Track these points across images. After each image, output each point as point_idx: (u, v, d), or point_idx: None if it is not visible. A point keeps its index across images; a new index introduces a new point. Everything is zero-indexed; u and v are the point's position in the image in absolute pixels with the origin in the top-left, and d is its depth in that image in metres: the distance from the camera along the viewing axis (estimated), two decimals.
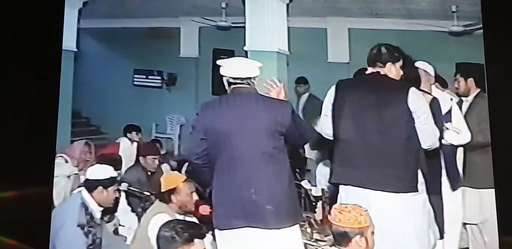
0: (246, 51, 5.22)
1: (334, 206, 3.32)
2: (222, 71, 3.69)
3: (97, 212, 3.84)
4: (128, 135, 5.44)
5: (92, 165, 4.29)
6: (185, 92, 6.12)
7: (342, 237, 3.21)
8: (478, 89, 4.25)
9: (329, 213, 3.30)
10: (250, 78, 3.66)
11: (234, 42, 5.70)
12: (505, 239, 3.77)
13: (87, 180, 3.90)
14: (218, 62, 3.71)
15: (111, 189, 3.89)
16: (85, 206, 3.78)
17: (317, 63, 5.83)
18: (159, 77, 6.25)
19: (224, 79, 3.72)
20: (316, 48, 5.84)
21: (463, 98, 4.29)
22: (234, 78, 3.67)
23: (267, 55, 4.96)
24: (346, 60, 5.88)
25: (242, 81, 3.66)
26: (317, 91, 5.59)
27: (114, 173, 3.97)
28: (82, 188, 3.89)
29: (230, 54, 5.73)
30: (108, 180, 3.89)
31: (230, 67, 3.70)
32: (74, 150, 4.81)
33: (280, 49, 5.27)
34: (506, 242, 3.76)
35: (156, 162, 4.90)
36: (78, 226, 3.69)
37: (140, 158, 4.95)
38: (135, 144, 5.38)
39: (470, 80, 4.27)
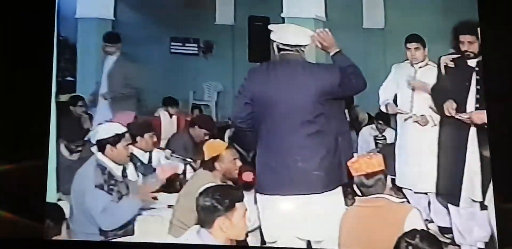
0: (283, 18, 5.21)
1: (358, 156, 3.31)
2: (273, 36, 3.69)
3: (116, 169, 3.94)
4: (164, 108, 5.52)
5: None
6: (221, 60, 6.15)
7: (381, 182, 3.21)
8: None
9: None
10: (300, 46, 3.65)
11: (269, 9, 5.68)
12: None
13: (96, 141, 4.01)
14: (270, 27, 3.70)
15: (119, 145, 3.98)
16: (101, 167, 3.89)
17: (352, 30, 5.79)
18: (195, 45, 6.27)
19: (274, 44, 3.72)
20: (351, 14, 5.78)
21: None
22: (284, 45, 3.67)
23: (304, 22, 4.93)
24: (381, 26, 5.82)
25: (291, 48, 3.65)
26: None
27: (119, 130, 4.04)
28: (95, 150, 4.00)
29: (265, 21, 5.73)
30: (114, 137, 3.96)
31: (281, 33, 3.70)
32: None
33: (317, 16, 5.26)
34: None
35: (207, 137, 4.92)
36: (96, 186, 3.83)
37: (192, 128, 5.04)
38: (174, 117, 5.46)
39: None
